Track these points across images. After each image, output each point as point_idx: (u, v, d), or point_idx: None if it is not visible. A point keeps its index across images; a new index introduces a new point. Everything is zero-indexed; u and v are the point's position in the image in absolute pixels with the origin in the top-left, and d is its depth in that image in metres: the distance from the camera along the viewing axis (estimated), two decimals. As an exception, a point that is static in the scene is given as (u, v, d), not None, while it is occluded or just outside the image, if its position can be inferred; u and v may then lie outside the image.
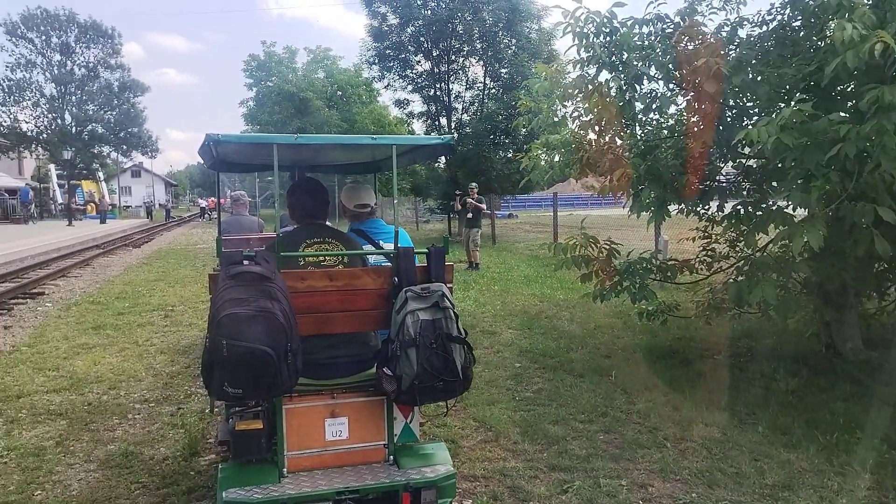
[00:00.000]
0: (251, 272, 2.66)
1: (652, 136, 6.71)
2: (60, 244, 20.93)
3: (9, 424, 5.21)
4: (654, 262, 6.72)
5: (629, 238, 10.56)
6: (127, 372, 6.69)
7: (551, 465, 4.37)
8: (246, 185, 42.45)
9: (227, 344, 2.49)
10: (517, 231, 27.31)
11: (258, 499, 2.75)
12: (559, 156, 7.25)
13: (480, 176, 22.12)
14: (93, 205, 45.79)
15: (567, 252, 6.49)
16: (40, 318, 9.72)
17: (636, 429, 5.02)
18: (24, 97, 49.48)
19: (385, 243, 3.64)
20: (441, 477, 2.99)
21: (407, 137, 5.56)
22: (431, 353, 2.81)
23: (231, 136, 2.88)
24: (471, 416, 5.29)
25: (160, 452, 4.67)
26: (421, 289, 2.93)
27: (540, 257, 16.21)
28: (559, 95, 6.79)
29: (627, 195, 6.35)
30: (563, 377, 6.34)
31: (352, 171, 4.85)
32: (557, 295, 10.97)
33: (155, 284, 13.11)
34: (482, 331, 8.30)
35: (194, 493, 4.00)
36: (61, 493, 4.06)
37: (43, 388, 6.13)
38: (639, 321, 7.39)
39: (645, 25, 5.95)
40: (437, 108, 26.31)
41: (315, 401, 3.03)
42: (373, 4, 25.34)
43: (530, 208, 48.50)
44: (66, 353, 7.50)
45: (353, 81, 39.41)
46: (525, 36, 24.01)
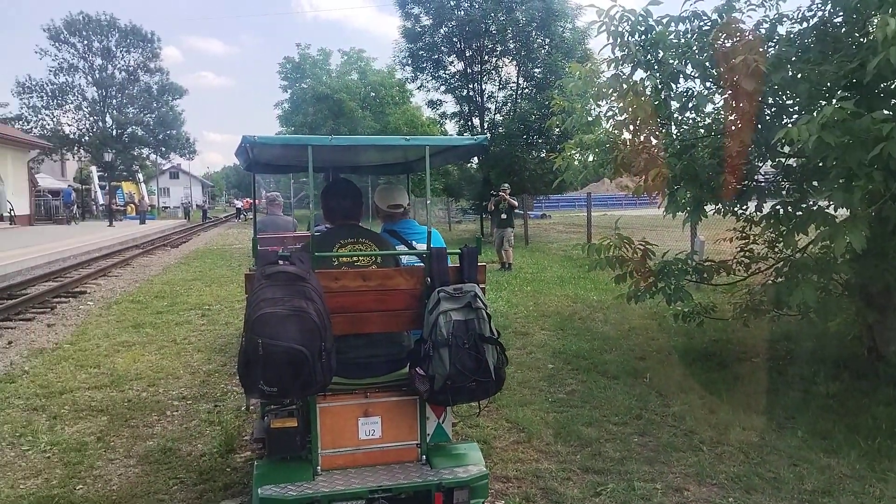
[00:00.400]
0: (286, 272, 2.69)
1: (688, 136, 6.61)
2: (101, 244, 21.42)
3: (52, 420, 5.35)
4: (689, 263, 6.63)
5: (664, 238, 10.41)
6: (165, 369, 6.82)
7: (584, 467, 4.33)
8: (281, 186, 42.98)
9: (263, 343, 2.53)
10: (550, 231, 27.16)
11: (293, 496, 2.79)
12: (593, 155, 7.18)
13: (513, 176, 22.04)
14: (132, 206, 46.79)
15: (601, 252, 6.43)
16: (82, 316, 9.96)
17: (671, 432, 4.96)
18: (67, 101, 50.88)
19: (418, 244, 3.65)
20: (474, 477, 2.99)
21: (440, 138, 5.56)
22: (464, 353, 2.82)
23: (267, 138, 2.92)
24: (503, 417, 5.28)
25: (197, 449, 4.75)
26: (453, 289, 2.93)
27: (573, 258, 16.10)
28: (593, 95, 6.73)
29: (662, 195, 6.26)
30: (596, 379, 6.29)
31: (385, 171, 4.87)
32: (591, 296, 10.89)
33: (192, 284, 13.34)
34: (515, 332, 8.28)
35: (230, 490, 4.06)
36: (102, 487, 4.15)
37: (85, 385, 6.28)
38: (674, 323, 7.29)
39: (681, 23, 5.87)
40: (470, 109, 26.29)
41: (349, 400, 3.05)
42: (406, 6, 25.42)
43: (563, 208, 48.19)
44: (107, 350, 7.67)
45: (386, 82, 39.59)
46: (559, 35, 23.84)
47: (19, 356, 7.44)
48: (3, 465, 4.46)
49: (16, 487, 4.13)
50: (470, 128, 25.86)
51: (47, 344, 8.06)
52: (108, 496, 4.02)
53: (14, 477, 4.28)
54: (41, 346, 7.95)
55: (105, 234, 26.19)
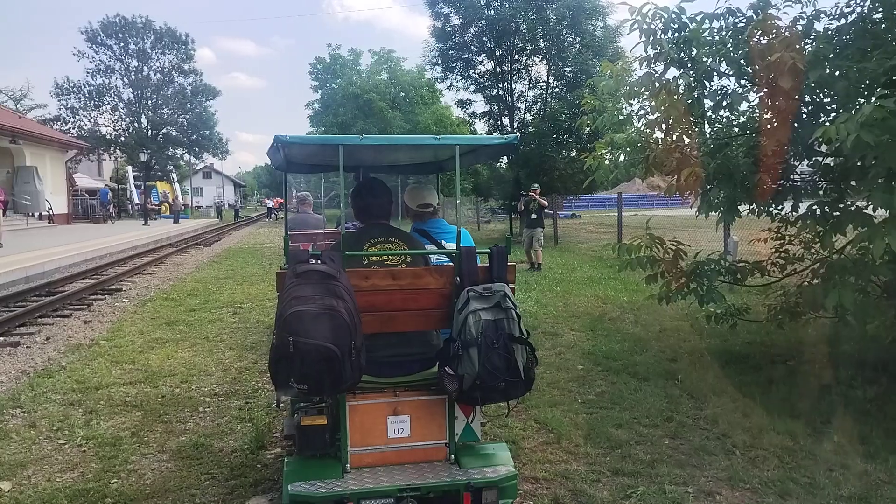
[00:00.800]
0: (317, 271, 2.71)
1: (722, 134, 6.51)
2: (136, 242, 21.83)
3: (88, 415, 5.46)
4: (723, 264, 6.53)
5: (697, 239, 10.29)
6: (198, 366, 6.92)
7: (614, 470, 4.29)
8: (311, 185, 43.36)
9: (294, 340, 2.55)
10: (580, 231, 26.99)
11: (322, 493, 2.80)
12: (624, 155, 7.11)
13: (543, 176, 21.93)
14: (166, 205, 47.57)
15: (632, 253, 6.37)
16: (118, 313, 10.15)
17: (703, 435, 4.89)
18: (104, 102, 51.85)
19: (447, 243, 3.65)
20: (502, 478, 2.98)
21: (470, 137, 5.56)
22: (493, 353, 2.81)
23: (298, 138, 2.94)
24: (532, 418, 5.25)
25: (229, 445, 4.81)
26: (483, 289, 2.92)
27: (603, 258, 15.97)
28: (625, 93, 6.67)
29: (695, 195, 6.18)
30: (626, 380, 6.23)
31: (415, 171, 4.88)
32: (621, 296, 10.79)
33: (224, 282, 13.52)
34: (544, 332, 8.24)
35: (261, 486, 4.10)
36: (136, 481, 4.23)
37: (120, 381, 6.40)
38: (706, 324, 7.19)
39: (715, 20, 5.78)
40: (500, 108, 26.24)
41: (378, 398, 3.06)
42: (436, 5, 25.46)
43: (594, 208, 47.84)
44: (142, 347, 7.81)
45: (415, 82, 39.76)
46: (590, 33, 23.67)
47: (57, 352, 7.61)
48: (40, 459, 4.56)
49: (53, 480, 4.23)
50: (499, 127, 25.81)
51: (84, 340, 8.24)
52: (142, 490, 4.09)
53: (51, 470, 4.38)
54: (78, 342, 8.12)
55: (140, 233, 26.68)
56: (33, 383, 6.29)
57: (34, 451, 4.71)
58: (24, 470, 4.37)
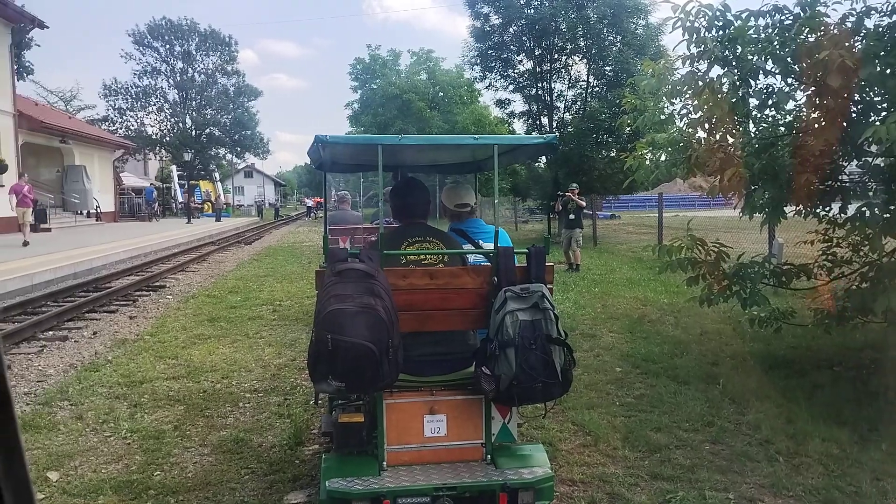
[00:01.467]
0: (355, 269, 2.73)
1: (767, 134, 6.37)
2: (180, 240, 22.29)
3: (132, 408, 5.60)
4: (767, 266, 6.38)
5: (740, 241, 10.06)
6: (238, 362, 7.04)
7: (653, 474, 4.23)
8: (350, 185, 43.73)
9: (332, 338, 2.57)
10: (619, 232, 26.68)
11: (359, 490, 2.83)
12: (665, 155, 7.01)
13: (582, 176, 21.73)
14: (209, 203, 48.45)
15: (672, 254, 6.27)
16: (162, 309, 10.38)
17: (745, 440, 4.79)
18: (150, 103, 53.18)
19: (485, 243, 3.65)
20: (539, 479, 2.97)
21: (509, 137, 5.56)
22: (530, 353, 2.80)
23: (338, 138, 2.97)
24: (569, 420, 5.21)
25: (268, 440, 4.88)
26: (520, 289, 2.91)
27: (643, 259, 15.76)
28: (667, 92, 6.57)
29: (739, 196, 6.06)
30: (666, 383, 6.14)
31: (453, 171, 4.89)
32: (661, 298, 10.64)
33: (264, 280, 13.71)
34: (582, 333, 8.17)
35: (299, 482, 4.15)
36: (178, 474, 4.32)
37: (163, 375, 6.54)
38: (750, 328, 7.03)
39: (761, 17, 5.66)
40: (539, 108, 26.09)
41: (414, 397, 3.07)
42: (476, 5, 25.43)
43: (634, 209, 47.26)
44: (184, 342, 7.97)
45: (454, 82, 39.78)
46: (631, 32, 23.38)
47: (103, 346, 7.82)
48: (87, 450, 4.69)
49: (98, 472, 4.34)
50: (538, 127, 25.67)
51: (129, 335, 8.44)
52: (184, 483, 4.17)
53: (97, 462, 4.50)
54: (124, 336, 8.33)
55: (183, 231, 27.24)
56: (81, 377, 6.47)
57: (81, 442, 4.84)
58: (72, 461, 4.50)
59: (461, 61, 29.07)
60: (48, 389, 6.07)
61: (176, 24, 52.90)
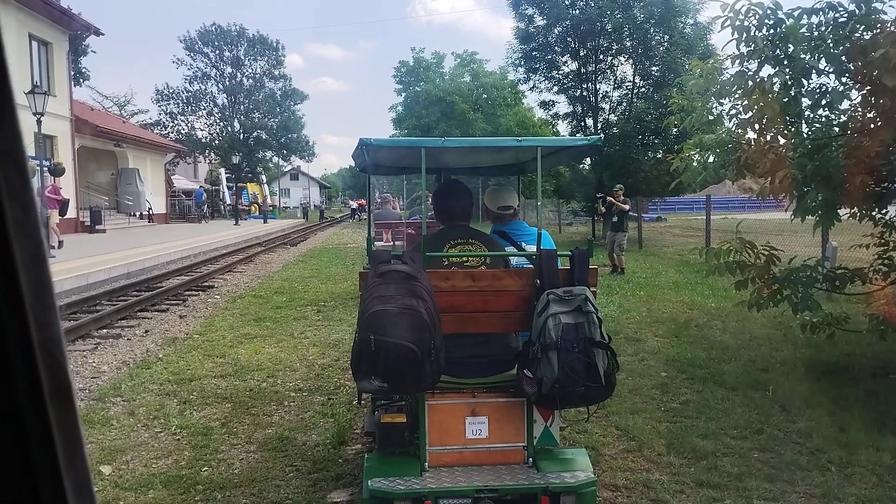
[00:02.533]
0: (398, 271, 2.75)
1: (820, 135, 6.20)
2: (228, 241, 22.76)
3: (182, 405, 5.73)
4: (819, 270, 6.21)
5: (791, 244, 9.79)
6: (283, 362, 7.15)
7: (699, 481, 4.15)
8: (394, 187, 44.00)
9: (375, 339, 2.59)
10: (665, 235, 26.25)
11: (400, 490, 2.84)
12: (713, 156, 6.87)
13: (627, 178, 21.46)
14: (256, 206, 49.34)
15: (720, 257, 6.14)
16: (210, 308, 10.62)
17: (796, 449, 4.66)
18: (200, 107, 54.38)
19: (527, 245, 3.63)
20: (581, 483, 2.94)
21: (552, 139, 5.53)
22: (573, 357, 2.78)
23: (382, 141, 3.00)
24: (613, 424, 5.15)
25: (312, 439, 4.94)
26: (563, 292, 2.89)
27: (690, 262, 15.47)
28: (715, 92, 6.45)
29: (790, 198, 5.91)
30: (713, 389, 6.01)
31: (496, 173, 4.88)
32: (709, 302, 10.43)
33: (309, 281, 13.90)
34: (626, 337, 8.06)
35: (342, 480, 4.20)
36: (225, 470, 4.41)
37: (211, 373, 6.68)
38: (801, 334, 6.84)
39: (814, 15, 5.51)
40: (583, 109, 25.86)
41: (456, 398, 3.08)
42: (520, 7, 25.35)
43: (680, 211, 46.44)
44: (231, 341, 8.13)
45: (498, 84, 39.68)
46: (679, 31, 23.01)
47: (154, 344, 8.03)
48: (138, 445, 4.83)
49: (149, 466, 4.46)
50: (583, 128, 25.44)
51: (179, 334, 8.65)
52: (231, 479, 4.26)
53: (147, 456, 4.63)
54: (174, 335, 8.54)
55: (231, 232, 27.80)
56: (133, 374, 6.66)
57: (132, 437, 4.98)
58: (123, 455, 4.63)
59: (505, 63, 29.07)
60: (102, 386, 6.27)
61: (225, 30, 54.00)
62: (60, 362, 0.48)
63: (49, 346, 0.47)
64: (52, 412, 0.47)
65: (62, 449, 0.48)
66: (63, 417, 0.48)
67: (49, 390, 0.47)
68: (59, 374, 0.48)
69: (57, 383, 0.48)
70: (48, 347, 0.47)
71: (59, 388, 0.48)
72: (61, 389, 0.48)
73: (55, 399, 0.47)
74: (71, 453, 0.49)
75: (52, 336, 0.47)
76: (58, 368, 0.48)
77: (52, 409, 0.47)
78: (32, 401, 0.46)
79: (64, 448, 0.48)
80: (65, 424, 0.49)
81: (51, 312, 0.48)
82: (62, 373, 0.49)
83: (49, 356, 0.47)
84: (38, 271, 0.47)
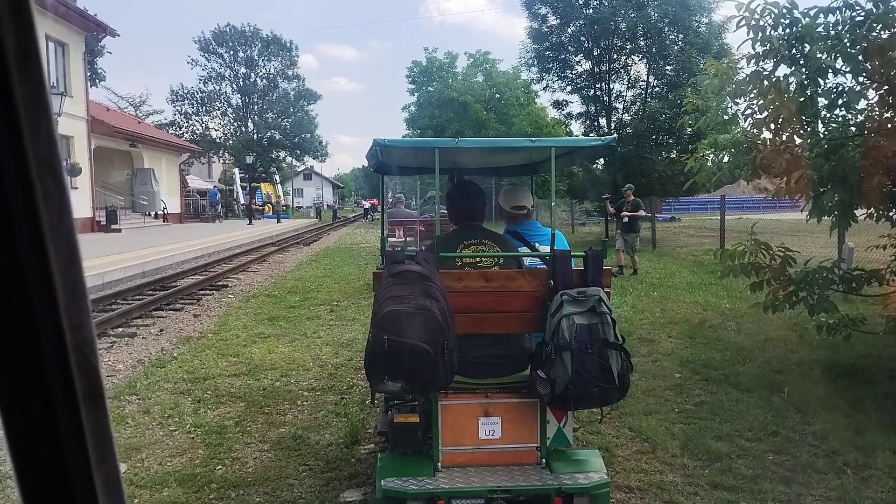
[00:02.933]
0: (412, 271, 2.76)
1: (837, 135, 6.14)
2: (242, 241, 22.88)
3: (196, 403, 5.77)
4: (836, 272, 6.15)
5: (807, 245, 9.74)
6: (297, 361, 7.17)
7: (713, 483, 4.13)
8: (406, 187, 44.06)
9: (388, 339, 2.60)
10: (679, 235, 26.12)
11: (413, 490, 2.85)
12: (728, 156, 6.84)
13: (641, 177, 21.38)
14: (269, 205, 49.56)
15: (735, 258, 6.11)
16: (224, 308, 10.68)
17: (811, 451, 4.62)
18: (214, 107, 54.68)
19: (541, 245, 3.62)
20: (595, 484, 2.93)
21: (566, 139, 5.51)
22: (587, 358, 2.77)
23: (395, 141, 3.01)
24: (626, 426, 5.13)
25: (325, 438, 4.96)
26: (577, 292, 2.89)
27: (704, 263, 15.38)
28: (730, 92, 6.42)
29: (806, 198, 5.86)
30: (728, 391, 5.98)
31: (510, 173, 4.88)
32: (723, 304, 10.36)
33: (322, 280, 13.94)
34: (640, 338, 8.03)
35: (355, 480, 4.21)
36: (238, 469, 4.43)
37: (225, 372, 6.72)
38: (817, 335, 6.78)
39: (831, 14, 5.47)
40: (597, 109, 25.81)
41: (469, 399, 3.08)
42: (533, 6, 25.33)
43: (695, 211, 46.17)
44: (245, 341, 8.18)
45: (511, 84, 39.64)
46: (693, 30, 22.91)
47: (169, 343, 8.09)
48: (153, 444, 4.86)
49: (164, 464, 4.50)
50: (596, 128, 25.38)
51: (193, 333, 8.71)
52: (244, 478, 4.28)
53: (162, 455, 4.66)
54: (188, 334, 8.60)
55: (245, 232, 27.95)
56: (148, 372, 6.71)
57: (147, 435, 5.03)
58: (139, 453, 4.67)
59: (518, 63, 29.04)
60: (117, 384, 6.32)
61: (239, 31, 54.25)
62: (93, 363, 0.49)
63: (82, 348, 0.48)
64: (84, 411, 0.48)
65: (93, 446, 0.49)
66: (95, 416, 0.49)
67: (82, 390, 0.48)
68: (92, 375, 0.49)
69: (89, 383, 0.49)
70: (81, 348, 0.48)
71: (91, 388, 0.49)
72: (94, 389, 0.49)
73: (87, 399, 0.49)
74: (102, 451, 0.50)
75: (86, 337, 0.48)
76: (90, 369, 0.49)
77: (84, 409, 0.48)
78: (66, 400, 0.47)
79: (95, 446, 0.49)
80: (97, 423, 0.50)
81: (84, 315, 0.49)
82: (94, 373, 0.50)
83: (82, 357, 0.48)
84: (73, 275, 0.48)
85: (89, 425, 0.49)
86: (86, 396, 0.48)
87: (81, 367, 0.48)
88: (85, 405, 0.48)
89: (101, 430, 0.50)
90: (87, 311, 0.49)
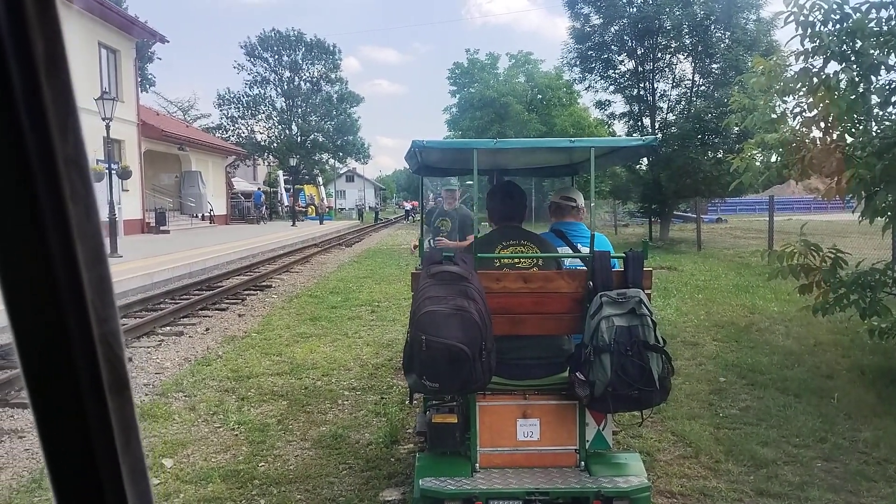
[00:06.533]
0: (450, 272, 2.76)
1: (890, 133, 5.95)
2: (286, 242, 23.22)
3: (240, 401, 5.88)
4: (889, 274, 5.95)
5: (859, 246, 9.43)
6: (338, 361, 7.25)
7: (758, 490, 4.03)
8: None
9: (426, 339, 2.61)
10: (725, 237, 25.59)
11: (451, 490, 2.85)
12: (776, 156, 6.68)
13: (686, 178, 21.00)
14: (313, 207, 50.20)
15: (783, 260, 5.96)
16: (267, 308, 10.85)
17: (861, 459, 4.47)
18: (259, 111, 55.64)
19: (583, 247, 3.59)
20: (635, 488, 2.89)
21: (606, 139, 5.46)
22: (626, 360, 2.74)
23: (434, 142, 3.02)
24: (668, 430, 5.05)
25: (364, 437, 5.00)
26: (617, 294, 2.85)
27: (751, 265, 15.04)
28: (778, 90, 6.26)
29: (858, 198, 5.68)
30: (774, 396, 5.83)
31: (550, 173, 4.85)
32: (771, 307, 10.11)
33: (363, 281, 14.06)
34: (683, 341, 7.89)
35: (394, 479, 4.23)
36: (280, 466, 4.50)
37: (268, 371, 6.83)
38: (869, 339, 6.57)
39: (883, 9, 5.30)
40: (640, 108, 25.41)
41: (507, 400, 3.07)
42: (576, 6, 25.11)
43: (742, 212, 45.25)
44: (288, 340, 8.30)
45: (552, 84, 39.41)
46: (740, 28, 22.38)
47: (214, 342, 8.26)
48: (199, 440, 4.97)
49: (209, 460, 4.59)
50: (640, 128, 25.01)
51: (238, 332, 8.88)
52: (286, 475, 4.35)
53: (207, 451, 4.76)
54: (233, 333, 8.76)
55: (289, 233, 28.35)
56: (194, 370, 6.87)
57: (193, 432, 5.14)
58: (184, 449, 4.78)
59: (560, 63, 28.83)
60: (165, 381, 6.48)
61: (284, 36, 55.09)
62: (119, 355, 0.51)
63: (109, 340, 0.50)
64: (110, 401, 0.50)
65: (119, 435, 0.51)
66: (120, 405, 0.51)
67: (108, 381, 0.50)
68: (118, 366, 0.51)
69: (115, 374, 0.51)
70: (108, 340, 0.50)
71: (117, 378, 0.51)
72: (120, 380, 0.51)
73: (113, 389, 0.51)
74: (127, 438, 0.52)
75: (112, 330, 0.50)
76: (116, 360, 0.51)
77: (110, 398, 0.50)
78: (93, 390, 0.49)
79: (121, 433, 0.51)
80: (122, 412, 0.52)
81: (110, 308, 0.50)
82: (120, 365, 0.51)
83: (108, 349, 0.50)
84: (99, 270, 0.50)
85: (115, 414, 0.51)
86: (112, 387, 0.50)
87: (108, 358, 0.50)
88: (111, 395, 0.50)
89: (126, 418, 0.52)
90: (113, 305, 0.51)
